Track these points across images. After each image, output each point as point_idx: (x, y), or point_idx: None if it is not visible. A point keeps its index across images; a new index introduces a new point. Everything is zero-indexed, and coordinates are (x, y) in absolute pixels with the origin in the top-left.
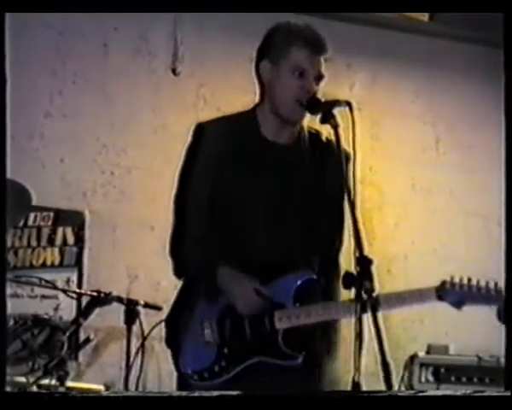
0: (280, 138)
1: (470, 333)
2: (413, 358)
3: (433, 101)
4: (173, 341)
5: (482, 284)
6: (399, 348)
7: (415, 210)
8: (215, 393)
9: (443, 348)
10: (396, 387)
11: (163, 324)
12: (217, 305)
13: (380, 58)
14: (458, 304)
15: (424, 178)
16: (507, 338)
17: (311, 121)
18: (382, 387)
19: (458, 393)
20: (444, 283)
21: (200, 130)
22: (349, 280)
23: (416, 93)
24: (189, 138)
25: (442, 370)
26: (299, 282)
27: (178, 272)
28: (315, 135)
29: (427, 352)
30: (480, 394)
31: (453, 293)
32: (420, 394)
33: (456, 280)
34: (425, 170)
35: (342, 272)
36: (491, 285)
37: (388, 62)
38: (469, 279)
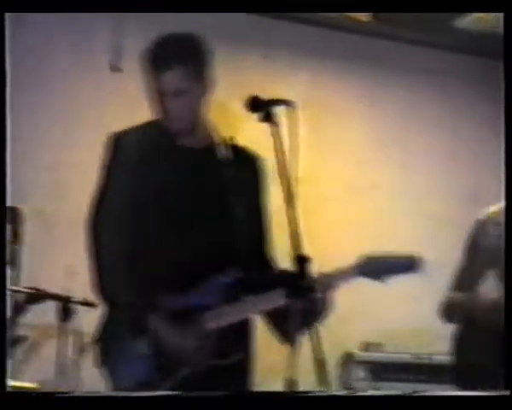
0: (194, 143)
1: (406, 331)
2: (349, 356)
3: (375, 100)
4: (104, 359)
5: (399, 254)
6: (336, 345)
7: (355, 209)
8: (215, 393)
9: (379, 345)
10: (332, 385)
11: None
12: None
13: (322, 57)
14: (378, 276)
15: (365, 177)
16: (507, 338)
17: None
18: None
19: (458, 393)
20: (363, 258)
21: (115, 140)
22: (285, 277)
23: (358, 92)
24: (105, 150)
25: (378, 368)
26: (225, 282)
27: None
28: (231, 138)
29: (364, 350)
30: (480, 394)
31: (372, 265)
32: (416, 394)
33: (374, 255)
34: (366, 169)
35: (278, 268)
36: (409, 255)
37: (330, 62)
38: (386, 252)
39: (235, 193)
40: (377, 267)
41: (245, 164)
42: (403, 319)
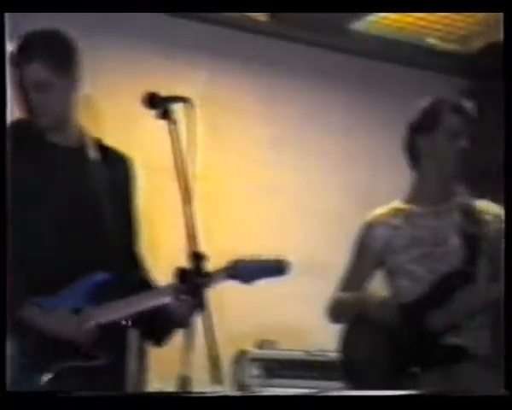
0: (63, 141)
1: (300, 328)
2: (243, 353)
3: (274, 100)
4: None
5: (268, 258)
6: (231, 343)
7: (255, 208)
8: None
9: (273, 343)
10: (226, 382)
11: None
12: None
13: (221, 56)
14: (247, 279)
15: (264, 177)
16: (506, 338)
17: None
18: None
19: (458, 393)
20: (233, 262)
21: None
22: (181, 276)
23: (256, 92)
24: None
25: (272, 365)
26: (92, 283)
27: None
28: (98, 139)
29: (258, 347)
30: (479, 394)
31: (241, 269)
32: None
33: (244, 259)
34: (265, 169)
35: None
36: (278, 259)
37: (229, 61)
38: (256, 256)
39: (105, 194)
40: (246, 271)
41: (114, 165)
42: (297, 317)
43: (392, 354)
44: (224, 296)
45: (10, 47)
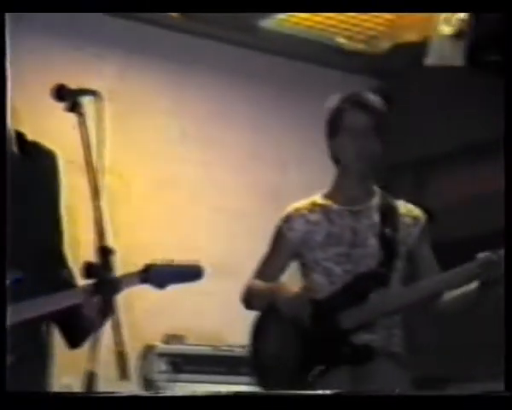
0: None
1: (208, 324)
2: (151, 348)
3: (181, 96)
4: None
5: (182, 263)
6: (139, 338)
7: (160, 203)
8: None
9: (181, 338)
10: (133, 377)
11: None
12: None
13: (132, 51)
14: (160, 284)
15: (169, 172)
16: (506, 336)
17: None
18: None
19: (458, 393)
20: (145, 266)
21: None
22: (89, 270)
23: (165, 88)
24: None
25: (179, 360)
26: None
27: None
28: (19, 134)
29: (165, 342)
30: (479, 394)
31: (154, 274)
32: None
33: (158, 263)
34: (171, 164)
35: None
36: (192, 264)
37: (140, 56)
38: (171, 261)
39: (28, 189)
40: (158, 275)
41: (37, 159)
42: (205, 313)
43: (301, 350)
44: (131, 292)
45: None
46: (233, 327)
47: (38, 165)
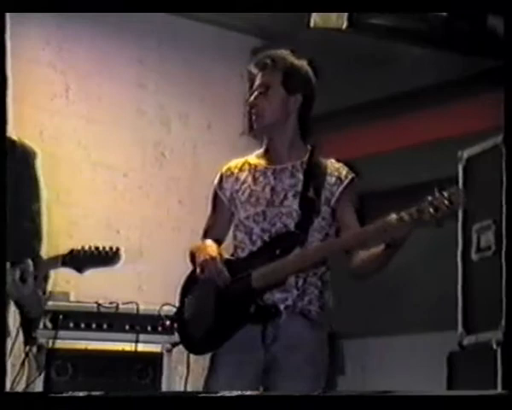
0: None
1: (91, 281)
2: None
3: (64, 50)
4: None
5: (101, 249)
6: None
7: (54, 157)
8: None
9: (64, 295)
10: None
11: None
12: None
13: None
14: (79, 268)
15: (53, 127)
16: (506, 335)
17: None
18: None
19: (457, 393)
20: (68, 251)
21: None
22: None
23: (47, 41)
24: None
25: (60, 317)
26: None
27: None
28: None
29: (48, 299)
30: (479, 394)
31: (74, 258)
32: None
33: (79, 248)
34: (54, 118)
35: None
36: (111, 249)
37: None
38: (90, 247)
39: (9, 188)
40: (79, 260)
41: (14, 158)
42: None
43: (218, 309)
44: None
45: None
46: (118, 286)
47: (16, 162)
